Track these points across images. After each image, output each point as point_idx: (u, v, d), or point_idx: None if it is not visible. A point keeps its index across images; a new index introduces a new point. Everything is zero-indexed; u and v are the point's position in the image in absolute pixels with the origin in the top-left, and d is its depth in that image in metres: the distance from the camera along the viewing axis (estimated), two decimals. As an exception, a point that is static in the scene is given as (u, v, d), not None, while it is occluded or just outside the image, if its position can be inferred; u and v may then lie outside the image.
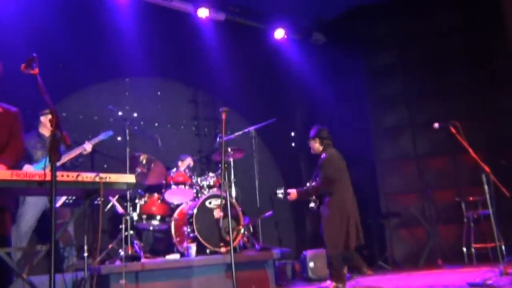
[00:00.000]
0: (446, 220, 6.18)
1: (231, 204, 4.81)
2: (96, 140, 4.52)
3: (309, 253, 5.19)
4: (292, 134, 7.35)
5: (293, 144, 7.35)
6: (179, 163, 5.53)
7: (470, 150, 4.47)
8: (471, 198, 5.85)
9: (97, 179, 2.60)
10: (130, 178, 2.82)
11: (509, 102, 6.16)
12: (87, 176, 2.60)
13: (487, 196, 4.39)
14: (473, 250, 5.68)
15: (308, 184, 4.55)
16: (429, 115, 6.28)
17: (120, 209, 4.58)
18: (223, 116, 3.58)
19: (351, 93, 6.77)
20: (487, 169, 4.40)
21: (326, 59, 6.98)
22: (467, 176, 5.96)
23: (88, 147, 4.40)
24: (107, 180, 2.65)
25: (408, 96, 6.56)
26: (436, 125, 4.70)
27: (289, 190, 4.48)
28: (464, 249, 5.73)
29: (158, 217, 5.04)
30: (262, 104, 6.73)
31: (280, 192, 4.47)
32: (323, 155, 4.49)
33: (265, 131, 5.85)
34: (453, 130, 4.61)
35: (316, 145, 4.60)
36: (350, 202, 4.33)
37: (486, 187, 4.42)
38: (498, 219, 5.00)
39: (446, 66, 6.49)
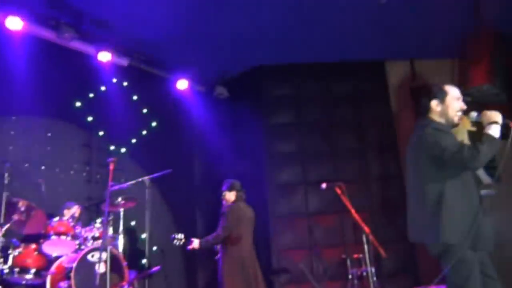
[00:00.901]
0: (333, 277, 6.43)
1: (116, 257, 4.60)
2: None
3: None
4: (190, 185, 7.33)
5: (191, 195, 7.32)
6: (65, 211, 5.23)
7: (352, 211, 4.80)
8: (355, 256, 6.19)
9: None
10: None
11: (391, 167, 6.79)
12: None
13: (366, 255, 4.70)
14: (355, 306, 5.93)
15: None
16: (321, 175, 6.62)
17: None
18: (111, 167, 3.51)
19: (249, 148, 6.97)
20: (366, 229, 4.72)
21: (228, 114, 7.19)
22: (353, 234, 6.32)
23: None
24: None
25: (303, 155, 6.90)
26: (324, 185, 5.04)
27: (193, 239, 4.51)
28: (348, 306, 5.98)
29: (33, 270, 4.64)
30: (161, 153, 6.67)
31: (179, 238, 4.42)
32: (229, 204, 4.68)
33: (162, 182, 5.77)
34: (338, 191, 4.94)
35: (231, 197, 4.79)
36: (248, 254, 4.40)
37: (366, 246, 4.74)
38: (379, 277, 5.39)
39: (338, 130, 6.99)
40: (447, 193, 2.70)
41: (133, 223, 6.19)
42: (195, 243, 4.50)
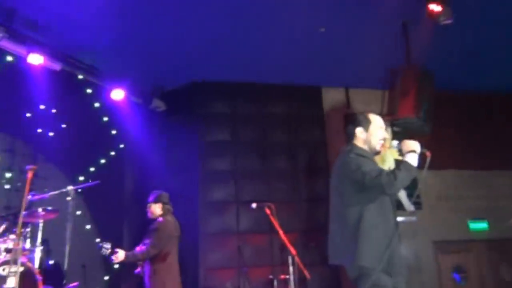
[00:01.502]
0: (260, 297, 6.48)
1: (29, 272, 4.35)
2: None
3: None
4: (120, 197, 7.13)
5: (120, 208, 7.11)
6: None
7: (280, 232, 4.90)
8: (282, 277, 6.27)
9: None
10: None
11: (321, 190, 7.01)
12: None
13: (291, 277, 4.80)
14: (281, 327, 6.00)
15: (137, 247, 4.51)
16: (253, 194, 6.72)
17: None
18: (29, 175, 3.35)
19: (183, 164, 6.91)
20: (293, 251, 4.83)
21: (164, 127, 7.12)
22: (280, 255, 6.41)
23: None
24: None
25: (237, 174, 6.95)
26: (254, 205, 5.13)
27: (118, 250, 4.36)
28: (274, 327, 6.02)
29: None
30: (90, 163, 6.47)
31: (107, 247, 4.29)
32: (160, 219, 4.57)
33: (89, 193, 5.58)
34: (268, 211, 5.03)
35: (157, 210, 4.67)
36: (176, 271, 4.44)
37: (291, 268, 4.85)
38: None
39: (272, 151, 7.13)
40: (365, 217, 2.81)
41: (53, 235, 5.90)
42: (121, 254, 4.35)
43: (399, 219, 7.37)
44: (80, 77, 6.16)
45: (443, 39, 6.03)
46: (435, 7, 5.21)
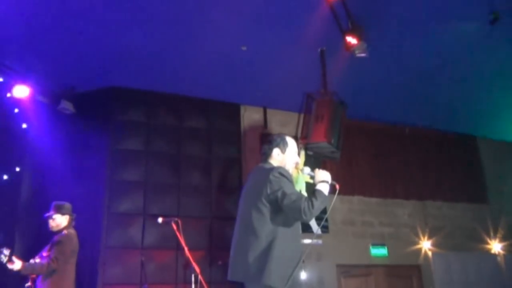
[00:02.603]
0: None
1: None
2: None
3: None
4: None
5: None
6: None
7: (186, 248, 4.87)
8: (185, 295, 6.21)
9: None
10: None
11: (233, 208, 7.05)
12: None
13: (193, 296, 4.78)
14: None
15: (32, 260, 4.42)
16: (162, 208, 6.66)
17: None
18: None
19: (89, 171, 6.67)
20: (197, 269, 4.82)
21: (72, 132, 6.79)
22: (185, 273, 6.35)
23: None
24: None
25: (146, 185, 6.84)
26: (160, 219, 5.05)
27: (15, 259, 4.26)
28: None
29: None
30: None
31: (5, 254, 4.22)
32: (64, 232, 4.55)
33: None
34: (174, 226, 4.98)
35: (64, 222, 4.65)
36: (73, 285, 4.40)
37: (193, 286, 4.83)
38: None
39: (186, 164, 7.11)
40: (280, 237, 2.88)
41: None
42: (18, 264, 4.24)
43: (306, 241, 7.63)
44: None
45: (357, 70, 6.46)
46: (351, 40, 5.56)
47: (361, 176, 8.25)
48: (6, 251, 4.22)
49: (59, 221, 4.68)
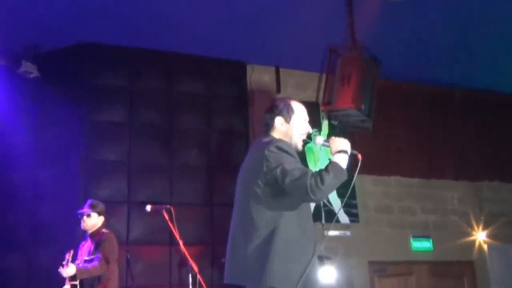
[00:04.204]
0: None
1: None
2: None
3: None
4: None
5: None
6: None
7: (181, 243, 4.93)
8: (181, 299, 6.31)
9: None
10: None
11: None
12: None
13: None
14: None
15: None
16: (151, 194, 6.71)
17: None
18: None
19: (60, 149, 6.70)
20: (195, 267, 4.89)
21: (37, 100, 6.84)
22: (180, 272, 6.42)
23: None
24: None
25: (131, 166, 6.85)
26: (149, 207, 5.11)
27: (69, 263, 4.81)
28: None
29: None
30: None
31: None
32: (105, 231, 5.24)
33: None
34: (166, 216, 5.03)
35: (99, 223, 5.28)
36: None
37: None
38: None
39: (180, 139, 7.11)
40: (282, 228, 2.82)
41: None
42: (72, 268, 4.81)
43: (331, 233, 7.61)
44: None
45: (394, 18, 6.37)
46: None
47: (399, 151, 8.21)
48: (68, 255, 4.88)
49: (96, 221, 5.26)
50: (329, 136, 7.20)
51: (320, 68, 7.54)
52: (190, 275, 4.91)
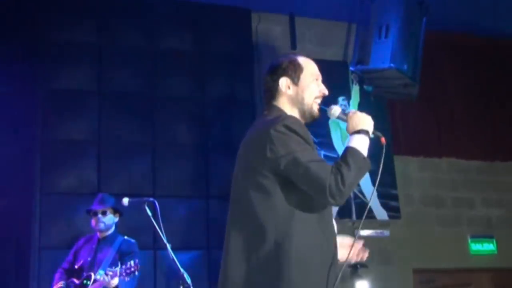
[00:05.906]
0: None
1: None
2: None
3: None
4: None
5: None
6: None
7: (168, 246, 5.06)
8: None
9: None
10: None
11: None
12: None
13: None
14: None
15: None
16: (128, 183, 6.75)
17: None
18: None
19: (10, 126, 6.73)
20: (186, 278, 4.91)
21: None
22: (168, 282, 6.43)
23: None
24: None
25: (102, 145, 6.90)
26: (125, 201, 5.09)
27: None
28: None
29: None
30: None
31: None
32: (132, 240, 5.77)
33: None
34: (148, 212, 5.02)
35: (111, 222, 5.69)
36: None
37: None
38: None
39: (164, 111, 7.13)
40: (298, 231, 2.76)
41: None
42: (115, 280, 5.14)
43: (364, 233, 7.61)
44: None
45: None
46: None
47: (454, 125, 8.13)
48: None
49: (111, 220, 5.70)
50: (360, 105, 7.13)
51: (348, 17, 7.50)
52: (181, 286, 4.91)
